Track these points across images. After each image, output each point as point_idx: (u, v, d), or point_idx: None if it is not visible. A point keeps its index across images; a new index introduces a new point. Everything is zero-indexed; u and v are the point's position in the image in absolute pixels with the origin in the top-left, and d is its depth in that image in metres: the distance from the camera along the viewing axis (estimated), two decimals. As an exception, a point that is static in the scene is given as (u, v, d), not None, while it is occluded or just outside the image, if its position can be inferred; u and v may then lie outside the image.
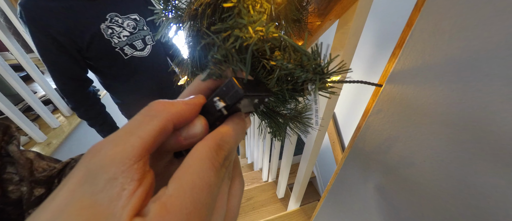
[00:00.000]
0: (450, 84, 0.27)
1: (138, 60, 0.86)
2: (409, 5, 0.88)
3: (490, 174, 0.26)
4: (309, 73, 0.19)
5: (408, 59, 0.31)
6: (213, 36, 0.19)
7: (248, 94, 0.17)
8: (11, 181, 0.27)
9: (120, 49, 0.81)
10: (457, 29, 0.25)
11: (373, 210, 0.49)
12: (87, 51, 0.77)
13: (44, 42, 0.71)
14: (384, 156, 0.41)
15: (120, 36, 0.80)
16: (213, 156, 0.14)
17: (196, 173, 0.13)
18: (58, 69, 0.76)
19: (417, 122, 0.33)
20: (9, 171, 0.27)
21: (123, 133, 0.13)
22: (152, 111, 0.14)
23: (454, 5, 0.24)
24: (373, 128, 0.42)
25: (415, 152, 0.35)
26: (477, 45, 0.23)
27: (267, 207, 1.56)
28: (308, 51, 0.19)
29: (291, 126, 0.30)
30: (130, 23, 0.82)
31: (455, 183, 0.30)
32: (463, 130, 0.27)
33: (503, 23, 0.21)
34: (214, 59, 0.19)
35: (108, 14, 0.78)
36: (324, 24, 0.44)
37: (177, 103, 0.15)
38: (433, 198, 0.34)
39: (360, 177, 0.50)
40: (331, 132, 1.53)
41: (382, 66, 1.02)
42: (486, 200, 0.27)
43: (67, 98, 0.83)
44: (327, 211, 0.75)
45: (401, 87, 0.34)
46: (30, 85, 1.54)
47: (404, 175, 0.38)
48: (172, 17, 0.22)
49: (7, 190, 0.26)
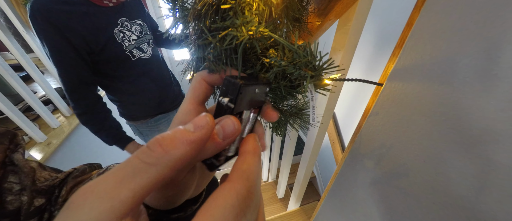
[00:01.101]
0: (450, 84, 0.27)
1: (143, 62, 0.92)
2: (409, 5, 0.88)
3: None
4: (301, 70, 0.20)
5: (408, 59, 0.31)
6: (208, 35, 0.20)
7: (245, 83, 0.18)
8: (10, 191, 0.26)
9: (129, 52, 0.86)
10: (457, 29, 0.25)
11: (373, 209, 0.49)
12: (99, 55, 0.80)
13: (59, 45, 0.72)
14: (384, 155, 0.41)
15: (130, 40, 0.86)
16: (240, 206, 0.12)
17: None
18: (71, 72, 0.77)
19: (417, 121, 0.33)
20: (10, 180, 0.26)
21: (113, 182, 0.11)
22: (152, 156, 0.12)
23: (454, 5, 0.24)
24: (373, 128, 0.42)
25: (415, 152, 0.35)
26: (477, 45, 0.23)
27: (267, 207, 1.56)
28: (298, 49, 0.20)
29: (291, 122, 0.31)
30: (137, 27, 0.89)
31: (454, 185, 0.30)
32: (463, 130, 0.27)
33: (504, 23, 0.21)
34: (209, 56, 0.21)
35: (119, 19, 0.83)
36: (324, 24, 0.44)
37: (183, 144, 0.13)
38: (433, 199, 0.34)
39: (360, 177, 0.50)
40: (331, 132, 1.53)
41: (382, 66, 1.01)
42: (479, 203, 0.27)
43: (73, 98, 0.82)
44: (327, 211, 0.75)
45: (402, 87, 0.34)
46: (30, 85, 1.54)
47: (404, 175, 0.38)
48: (179, 16, 0.23)
49: (5, 200, 0.25)
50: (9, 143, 0.27)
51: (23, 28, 1.12)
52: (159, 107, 1.04)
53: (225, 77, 0.18)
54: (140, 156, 0.12)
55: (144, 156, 0.12)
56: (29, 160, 0.29)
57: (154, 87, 0.99)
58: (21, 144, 0.28)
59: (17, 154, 0.27)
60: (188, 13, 0.22)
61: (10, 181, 0.26)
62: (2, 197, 0.25)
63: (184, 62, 0.29)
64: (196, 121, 0.14)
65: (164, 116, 1.08)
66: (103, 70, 0.86)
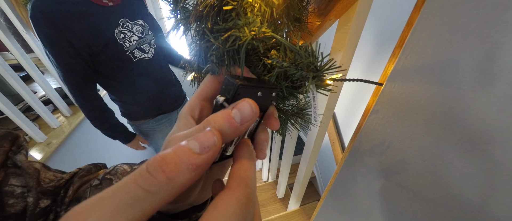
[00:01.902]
0: (450, 84, 0.27)
1: (145, 63, 0.92)
2: (409, 5, 0.89)
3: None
4: (303, 71, 0.20)
5: (408, 59, 0.31)
6: (210, 37, 0.20)
7: (244, 84, 0.17)
8: (12, 194, 0.25)
9: (130, 53, 0.87)
10: (457, 29, 0.25)
11: (373, 209, 0.49)
12: (99, 55, 0.81)
13: (59, 44, 0.73)
14: (384, 155, 0.41)
15: (131, 41, 0.86)
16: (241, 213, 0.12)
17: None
18: (71, 70, 0.79)
19: (417, 121, 0.33)
20: (12, 183, 0.26)
21: (110, 212, 0.10)
22: (153, 184, 0.11)
23: (454, 5, 0.24)
24: (373, 128, 0.42)
25: (415, 152, 0.35)
26: (477, 45, 0.24)
27: (267, 207, 1.56)
28: (300, 50, 0.20)
29: (292, 121, 0.31)
30: (138, 28, 0.89)
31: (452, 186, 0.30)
32: (463, 130, 0.27)
33: (504, 23, 0.21)
34: (212, 58, 0.21)
35: (120, 20, 0.83)
36: (324, 24, 0.44)
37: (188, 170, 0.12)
38: (433, 200, 0.34)
39: (360, 176, 0.51)
40: (331, 132, 1.53)
41: (382, 66, 1.02)
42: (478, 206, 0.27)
43: (78, 97, 0.85)
44: (327, 211, 0.75)
45: (402, 87, 0.34)
46: (30, 85, 1.54)
47: (404, 174, 0.38)
48: (180, 18, 0.23)
49: (7, 203, 0.25)
50: (11, 145, 0.27)
51: (23, 28, 1.12)
52: (160, 107, 1.05)
53: (226, 76, 0.18)
54: (139, 182, 0.11)
55: (144, 183, 0.11)
56: (33, 161, 0.29)
57: (155, 88, 0.99)
58: (24, 146, 0.28)
59: (20, 155, 0.27)
60: (189, 14, 0.22)
61: (11, 184, 0.25)
62: (4, 200, 0.25)
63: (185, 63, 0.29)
64: (203, 140, 0.12)
65: (165, 116, 1.08)
66: (104, 70, 0.87)
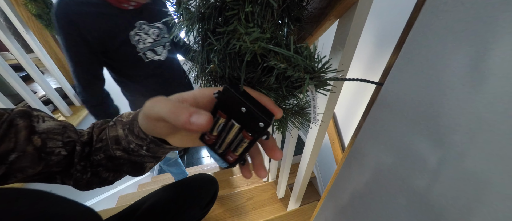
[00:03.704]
0: (450, 84, 0.27)
1: (156, 64, 0.94)
2: (409, 5, 0.89)
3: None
4: (301, 72, 0.21)
5: (408, 59, 0.31)
6: (212, 40, 0.21)
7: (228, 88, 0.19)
8: (53, 153, 0.30)
9: (143, 54, 0.89)
10: (457, 29, 0.25)
11: (373, 209, 0.49)
12: (113, 54, 0.84)
13: (76, 44, 0.77)
14: (384, 155, 0.41)
15: (145, 42, 0.88)
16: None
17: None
18: (86, 68, 0.83)
19: (417, 121, 0.33)
20: (50, 146, 0.30)
21: None
22: None
23: (454, 5, 0.24)
24: (373, 128, 0.42)
25: (415, 152, 0.35)
26: (477, 45, 0.23)
27: (267, 207, 1.56)
28: (295, 55, 0.21)
29: (292, 120, 0.32)
30: (154, 31, 0.90)
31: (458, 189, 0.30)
32: (462, 130, 0.27)
33: (504, 23, 0.21)
34: (214, 59, 0.22)
35: (137, 22, 0.85)
36: (324, 24, 0.44)
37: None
38: (434, 197, 0.34)
39: (360, 177, 0.51)
40: (331, 132, 1.53)
41: (382, 66, 1.01)
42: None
43: (87, 93, 0.88)
44: (327, 211, 0.75)
45: (402, 87, 0.34)
46: (30, 85, 1.54)
47: (405, 174, 0.38)
48: (184, 19, 0.24)
49: (50, 163, 0.30)
50: (29, 118, 0.29)
51: (23, 28, 1.12)
52: None
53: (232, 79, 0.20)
54: None
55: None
56: (59, 120, 0.33)
57: (164, 89, 1.01)
58: (40, 114, 0.31)
59: (47, 122, 0.31)
60: (192, 15, 0.22)
61: (50, 146, 0.30)
62: (48, 160, 0.30)
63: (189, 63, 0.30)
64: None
65: None
66: (117, 68, 0.91)
